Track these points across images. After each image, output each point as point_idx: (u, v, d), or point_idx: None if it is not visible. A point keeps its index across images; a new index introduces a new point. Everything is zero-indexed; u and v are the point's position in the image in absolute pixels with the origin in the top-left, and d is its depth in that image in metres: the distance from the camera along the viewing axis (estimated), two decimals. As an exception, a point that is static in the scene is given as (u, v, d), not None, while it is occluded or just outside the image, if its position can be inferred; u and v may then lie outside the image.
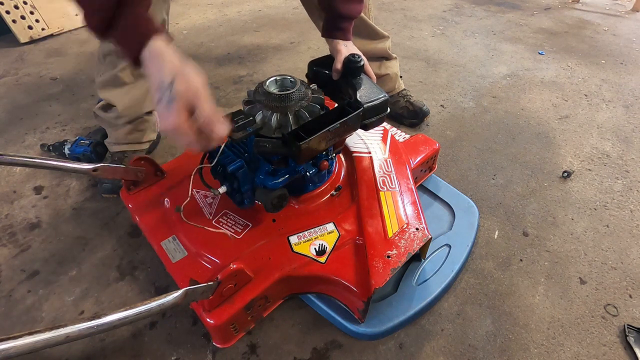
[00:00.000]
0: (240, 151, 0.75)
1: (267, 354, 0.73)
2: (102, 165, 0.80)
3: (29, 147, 1.23)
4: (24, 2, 1.76)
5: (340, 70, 0.81)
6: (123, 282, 0.85)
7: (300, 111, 0.73)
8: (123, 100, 1.00)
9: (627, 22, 2.20)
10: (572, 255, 0.92)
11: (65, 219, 0.99)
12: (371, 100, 0.76)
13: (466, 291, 0.83)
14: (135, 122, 1.05)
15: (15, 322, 0.78)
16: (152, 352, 0.73)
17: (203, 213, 0.82)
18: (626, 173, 1.15)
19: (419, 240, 0.75)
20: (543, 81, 1.60)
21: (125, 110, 1.01)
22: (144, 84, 1.01)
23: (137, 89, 1.01)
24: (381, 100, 0.77)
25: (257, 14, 2.22)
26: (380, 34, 1.21)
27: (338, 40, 0.85)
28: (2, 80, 1.58)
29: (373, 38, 1.21)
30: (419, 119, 1.28)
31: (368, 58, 1.22)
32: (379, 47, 1.22)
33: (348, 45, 0.86)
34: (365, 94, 0.77)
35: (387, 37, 1.24)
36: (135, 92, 1.01)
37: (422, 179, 1.03)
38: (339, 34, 0.86)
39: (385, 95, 0.77)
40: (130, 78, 0.99)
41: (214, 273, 0.66)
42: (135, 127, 1.06)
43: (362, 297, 0.68)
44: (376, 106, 0.76)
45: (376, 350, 0.73)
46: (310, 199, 0.83)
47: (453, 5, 2.36)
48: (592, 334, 0.77)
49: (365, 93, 0.77)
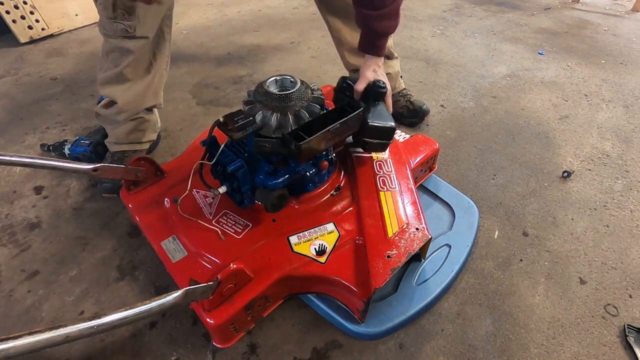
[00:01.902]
0: (240, 151, 0.75)
1: (267, 354, 0.73)
2: (102, 165, 0.80)
3: (29, 147, 1.23)
4: (24, 2, 1.76)
5: (360, 93, 0.85)
6: (123, 282, 0.85)
7: (300, 111, 0.73)
8: (124, 95, 1.00)
9: (627, 22, 2.20)
10: (572, 255, 0.91)
11: (65, 219, 0.99)
12: (378, 122, 0.79)
13: (466, 291, 0.83)
14: (135, 119, 1.05)
15: (15, 322, 0.78)
16: (152, 352, 0.73)
17: (203, 213, 0.82)
18: (626, 173, 1.15)
19: (419, 240, 0.75)
20: (543, 81, 1.60)
21: (126, 105, 1.01)
22: (145, 80, 1.02)
23: (138, 85, 1.01)
24: (387, 126, 0.80)
25: (257, 14, 2.22)
26: None
27: (371, 56, 0.90)
28: (2, 80, 1.58)
29: None
30: (419, 118, 1.28)
31: None
32: None
33: (377, 71, 0.89)
34: (375, 115, 0.80)
35: None
36: (137, 88, 1.01)
37: (422, 179, 1.03)
38: (373, 51, 0.90)
39: (393, 125, 0.81)
40: (133, 75, 0.99)
41: (214, 273, 0.66)
42: (136, 126, 1.06)
43: (362, 297, 0.68)
44: (380, 129, 0.80)
45: (376, 350, 0.73)
46: (310, 199, 0.83)
47: (453, 5, 2.36)
48: (592, 334, 0.77)
49: (376, 115, 0.81)
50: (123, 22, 0.89)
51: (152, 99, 1.06)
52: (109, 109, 1.03)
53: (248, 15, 2.19)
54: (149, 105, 1.07)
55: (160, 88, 1.09)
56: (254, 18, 2.16)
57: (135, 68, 0.98)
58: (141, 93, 1.03)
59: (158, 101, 1.09)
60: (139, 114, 1.06)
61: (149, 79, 1.02)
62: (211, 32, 1.99)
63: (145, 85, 1.02)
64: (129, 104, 1.01)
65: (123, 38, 0.92)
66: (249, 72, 1.63)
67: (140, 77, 1.01)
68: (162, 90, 1.10)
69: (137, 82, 1.01)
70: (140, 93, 1.02)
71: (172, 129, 1.29)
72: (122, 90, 1.00)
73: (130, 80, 1.00)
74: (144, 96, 1.04)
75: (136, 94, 1.02)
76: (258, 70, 1.65)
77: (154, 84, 1.05)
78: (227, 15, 2.20)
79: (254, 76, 1.60)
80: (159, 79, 1.06)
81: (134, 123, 1.06)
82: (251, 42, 1.89)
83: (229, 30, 2.01)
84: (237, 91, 1.51)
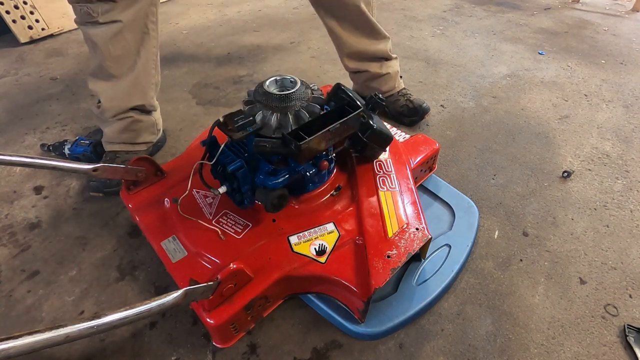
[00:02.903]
0: (240, 151, 0.75)
1: (267, 354, 0.73)
2: (102, 165, 0.80)
3: (29, 147, 1.23)
4: (24, 2, 1.76)
5: None
6: (123, 282, 0.85)
7: (300, 111, 0.73)
8: (107, 92, 0.99)
9: (627, 22, 2.20)
10: (572, 255, 0.92)
11: (65, 219, 0.99)
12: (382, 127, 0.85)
13: (466, 291, 0.83)
14: (124, 119, 1.03)
15: (15, 322, 0.78)
16: (152, 352, 0.73)
17: (203, 213, 0.82)
18: (626, 173, 1.15)
19: (419, 240, 0.75)
20: (543, 81, 1.60)
21: (109, 102, 1.00)
22: (129, 77, 1.00)
23: (121, 82, 0.99)
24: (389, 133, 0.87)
25: (257, 14, 2.22)
26: (382, 34, 1.21)
27: None
28: (2, 80, 1.58)
29: (375, 38, 1.21)
30: (419, 116, 1.28)
31: (369, 59, 1.23)
32: (380, 48, 1.22)
33: None
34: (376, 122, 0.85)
35: (388, 38, 1.24)
36: (120, 85, 0.99)
37: (422, 179, 1.03)
38: None
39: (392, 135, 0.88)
40: (116, 70, 0.97)
41: (214, 273, 0.66)
42: (127, 126, 1.04)
43: (362, 297, 0.68)
44: (383, 135, 0.85)
45: (376, 350, 0.73)
46: (310, 199, 0.83)
47: (453, 5, 2.36)
48: (592, 334, 0.77)
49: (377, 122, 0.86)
50: (86, 4, 0.86)
51: (139, 98, 1.04)
52: (98, 108, 1.04)
53: (248, 15, 2.19)
54: (135, 105, 1.04)
55: (149, 88, 1.06)
56: (254, 18, 2.16)
57: (117, 62, 0.96)
58: (125, 91, 1.01)
59: (147, 101, 1.06)
60: (127, 114, 1.04)
61: (132, 77, 1.00)
62: (211, 32, 1.99)
63: (129, 82, 1.00)
64: (112, 100, 1.00)
65: (87, 24, 0.89)
66: (249, 72, 1.63)
67: (124, 73, 0.99)
68: (152, 91, 1.08)
69: (120, 79, 0.99)
70: (124, 91, 1.01)
71: (172, 129, 1.29)
72: (105, 87, 0.99)
73: (114, 77, 0.98)
74: (128, 94, 1.02)
75: (119, 91, 1.00)
76: (258, 70, 1.65)
77: (139, 82, 1.02)
78: (227, 15, 2.20)
79: (254, 76, 1.60)
80: (146, 77, 1.04)
81: (123, 123, 1.04)
82: (251, 42, 1.89)
83: (229, 30, 2.01)
84: (237, 91, 1.51)
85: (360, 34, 1.18)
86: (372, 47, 1.21)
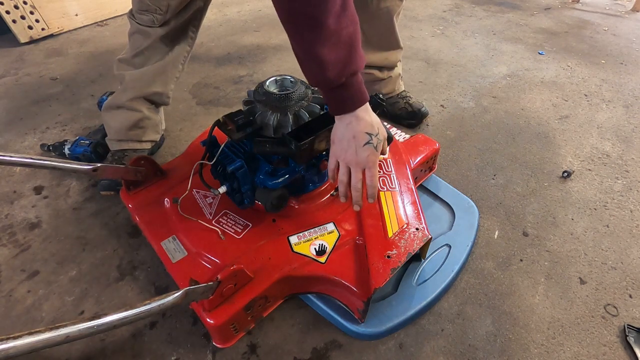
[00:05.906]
0: (240, 151, 0.75)
1: (267, 354, 0.73)
2: (102, 165, 0.80)
3: (29, 147, 1.23)
4: (24, 2, 1.76)
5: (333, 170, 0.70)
6: (123, 282, 0.85)
7: (300, 111, 0.73)
8: (133, 74, 1.03)
9: (627, 22, 2.20)
10: (572, 255, 0.91)
11: (65, 219, 0.99)
12: None
13: (466, 291, 0.83)
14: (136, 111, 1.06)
15: (15, 322, 0.78)
16: (152, 352, 0.73)
17: (203, 213, 0.82)
18: (626, 173, 1.15)
19: (419, 240, 0.75)
20: (543, 81, 1.60)
21: (132, 82, 1.03)
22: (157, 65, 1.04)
23: (149, 69, 1.03)
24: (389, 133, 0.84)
25: (257, 14, 2.22)
26: (399, 45, 1.24)
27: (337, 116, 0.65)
28: (2, 80, 1.58)
29: (392, 48, 1.23)
30: (418, 120, 1.28)
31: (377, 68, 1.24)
32: (391, 59, 1.25)
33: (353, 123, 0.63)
34: None
35: (402, 49, 1.25)
36: (147, 70, 1.03)
37: (422, 179, 1.03)
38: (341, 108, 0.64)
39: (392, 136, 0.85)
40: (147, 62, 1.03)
41: (214, 273, 0.66)
42: (136, 122, 1.06)
43: (362, 297, 0.68)
44: None
45: (376, 350, 0.73)
46: (310, 199, 0.83)
47: (453, 5, 2.36)
48: (592, 334, 0.77)
49: None
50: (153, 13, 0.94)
51: (160, 85, 1.07)
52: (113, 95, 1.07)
53: (248, 15, 2.19)
54: (156, 91, 1.07)
55: (171, 80, 1.09)
56: (254, 18, 2.16)
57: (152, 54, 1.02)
58: (150, 75, 1.04)
59: (165, 91, 1.09)
60: (141, 107, 1.06)
61: (161, 64, 1.04)
62: (211, 32, 1.99)
63: (156, 69, 1.04)
64: (135, 81, 1.03)
65: (147, 26, 0.97)
66: (249, 72, 1.63)
67: (153, 63, 1.03)
68: (173, 84, 1.10)
69: (149, 67, 1.03)
70: (149, 75, 1.04)
71: (172, 129, 1.29)
72: (132, 70, 1.04)
73: (144, 66, 1.03)
74: (152, 79, 1.05)
75: (145, 74, 1.04)
76: (258, 70, 1.65)
77: (166, 71, 1.06)
78: (227, 15, 2.20)
79: (254, 76, 1.60)
80: (172, 69, 1.07)
81: (134, 117, 1.05)
82: (251, 42, 1.89)
83: (229, 30, 2.01)
84: (237, 91, 1.51)
85: (378, 49, 1.20)
86: (383, 57, 1.22)
